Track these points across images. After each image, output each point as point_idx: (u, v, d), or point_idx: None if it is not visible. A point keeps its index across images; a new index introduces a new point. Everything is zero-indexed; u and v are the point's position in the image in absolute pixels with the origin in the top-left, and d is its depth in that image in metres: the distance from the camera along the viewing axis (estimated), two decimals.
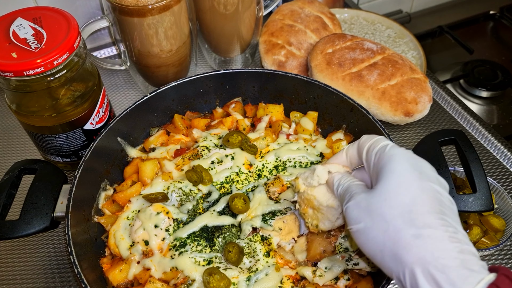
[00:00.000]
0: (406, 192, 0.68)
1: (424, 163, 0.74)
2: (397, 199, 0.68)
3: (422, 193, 0.68)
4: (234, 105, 1.27)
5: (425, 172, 0.71)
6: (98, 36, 1.66)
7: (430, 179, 0.70)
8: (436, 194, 0.68)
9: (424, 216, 0.65)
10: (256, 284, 0.91)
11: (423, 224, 0.64)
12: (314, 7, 1.55)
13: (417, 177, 0.69)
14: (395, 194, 0.69)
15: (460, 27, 2.09)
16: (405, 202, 0.67)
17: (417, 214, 0.65)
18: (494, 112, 1.73)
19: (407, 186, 0.69)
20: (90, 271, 0.92)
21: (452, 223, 0.66)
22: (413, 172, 0.70)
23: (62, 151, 1.19)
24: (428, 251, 0.63)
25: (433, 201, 0.67)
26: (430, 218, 0.65)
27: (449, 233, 0.64)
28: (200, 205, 1.05)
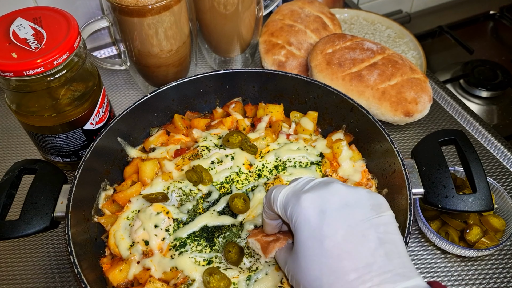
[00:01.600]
0: (313, 265, 0.69)
1: (327, 202, 0.72)
2: (309, 274, 0.70)
3: (327, 259, 0.68)
4: (234, 105, 1.27)
5: (326, 224, 0.69)
6: (98, 36, 1.66)
7: (332, 231, 0.69)
8: (341, 246, 0.67)
9: (334, 286, 0.66)
10: (256, 283, 0.91)
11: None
12: (314, 7, 1.55)
13: (318, 240, 0.69)
14: (306, 269, 0.70)
15: (460, 27, 2.09)
16: (316, 276, 0.68)
17: (328, 285, 0.67)
18: (494, 112, 1.73)
19: (312, 258, 0.69)
20: (90, 271, 0.92)
21: (365, 265, 0.66)
22: (314, 236, 0.70)
23: (62, 151, 1.19)
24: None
25: (339, 259, 0.67)
26: (338, 286, 0.66)
27: (365, 283, 0.64)
28: (200, 205, 1.05)
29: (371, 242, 0.68)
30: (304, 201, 0.73)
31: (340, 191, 0.73)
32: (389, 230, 0.70)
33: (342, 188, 0.74)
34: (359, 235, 0.68)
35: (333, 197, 0.72)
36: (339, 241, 0.68)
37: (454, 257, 1.10)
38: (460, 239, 1.09)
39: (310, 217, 0.71)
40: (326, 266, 0.67)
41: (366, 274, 0.65)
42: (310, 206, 0.72)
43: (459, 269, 1.08)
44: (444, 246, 1.07)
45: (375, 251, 0.67)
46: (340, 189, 0.73)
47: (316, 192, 0.73)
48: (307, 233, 0.71)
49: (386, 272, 0.66)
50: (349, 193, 0.73)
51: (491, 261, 1.09)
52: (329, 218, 0.70)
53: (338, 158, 1.13)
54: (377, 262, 0.66)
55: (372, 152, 1.12)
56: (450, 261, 1.10)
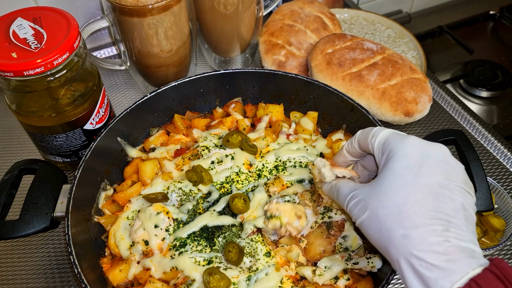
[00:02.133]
0: (399, 192, 0.70)
1: (432, 151, 0.73)
2: (389, 199, 0.71)
3: (415, 191, 0.69)
4: (234, 105, 1.27)
5: (426, 165, 0.71)
6: (98, 36, 1.66)
7: (430, 172, 0.71)
8: (432, 188, 0.69)
9: (413, 216, 0.68)
10: (256, 284, 0.91)
11: (411, 224, 0.67)
12: (314, 7, 1.55)
13: (414, 174, 0.70)
14: (388, 194, 0.71)
15: (460, 27, 2.09)
16: (397, 203, 0.70)
17: (407, 214, 0.68)
18: (494, 112, 1.73)
19: (400, 186, 0.71)
20: (90, 271, 0.92)
21: (445, 217, 0.67)
22: (411, 169, 0.71)
23: (62, 151, 1.19)
24: (415, 250, 0.66)
25: (427, 197, 0.69)
26: (419, 217, 0.67)
27: (438, 231, 0.66)
28: (200, 205, 1.05)
29: (457, 202, 0.69)
30: (412, 140, 0.74)
31: (445, 150, 0.75)
32: (471, 206, 0.72)
33: (446, 150, 0.76)
34: (450, 191, 0.70)
35: (439, 151, 0.74)
36: (432, 184, 0.69)
37: None
38: None
39: (413, 153, 0.72)
40: (413, 197, 0.69)
41: (446, 221, 0.67)
42: (415, 146, 0.73)
43: None
44: None
45: (458, 211, 0.69)
46: (445, 150, 0.75)
47: (424, 141, 0.75)
48: (404, 165, 0.72)
49: (462, 230, 0.67)
50: (451, 158, 0.74)
51: None
52: (430, 162, 0.71)
53: None
54: (457, 219, 0.68)
55: None
56: None
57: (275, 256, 0.97)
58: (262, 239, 0.99)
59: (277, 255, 0.97)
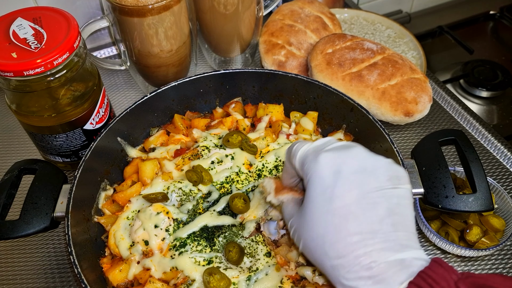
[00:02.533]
0: (319, 222, 0.69)
1: (344, 164, 0.70)
2: (313, 230, 0.70)
3: (333, 217, 0.68)
4: (234, 105, 1.27)
5: (339, 184, 0.69)
6: (98, 36, 1.66)
7: (344, 192, 0.68)
8: (350, 208, 0.67)
9: (336, 245, 0.67)
10: (256, 284, 0.91)
11: (336, 254, 0.67)
12: (314, 7, 1.55)
13: (328, 199, 0.69)
14: (311, 225, 0.71)
15: (460, 27, 2.09)
16: (319, 234, 0.69)
17: (330, 244, 0.68)
18: (494, 112, 1.73)
19: (319, 215, 0.69)
20: (90, 271, 0.92)
21: (369, 235, 0.66)
22: (325, 193, 0.69)
23: (62, 151, 1.19)
24: (344, 279, 0.67)
25: (346, 220, 0.67)
26: (342, 245, 0.67)
27: (362, 254, 0.65)
28: (200, 205, 1.05)
29: (380, 210, 0.67)
30: (322, 158, 0.72)
31: (360, 155, 0.72)
32: (402, 203, 0.70)
33: (362, 153, 0.73)
34: (370, 201, 0.68)
35: (352, 160, 0.71)
36: (348, 203, 0.68)
37: (454, 257, 1.10)
38: (460, 239, 1.09)
39: (325, 175, 0.70)
40: (331, 225, 0.67)
41: (369, 239, 0.66)
42: (327, 164, 0.71)
43: (459, 269, 1.08)
44: (444, 246, 1.07)
45: (383, 220, 0.67)
46: (360, 154, 0.73)
47: (336, 153, 0.72)
48: (319, 190, 0.70)
49: (389, 241, 0.66)
50: (368, 159, 0.72)
51: (491, 261, 1.09)
52: (343, 179, 0.69)
53: None
54: (382, 230, 0.66)
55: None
56: (450, 261, 1.10)
57: (275, 256, 0.97)
58: (263, 239, 0.99)
59: (277, 255, 0.97)
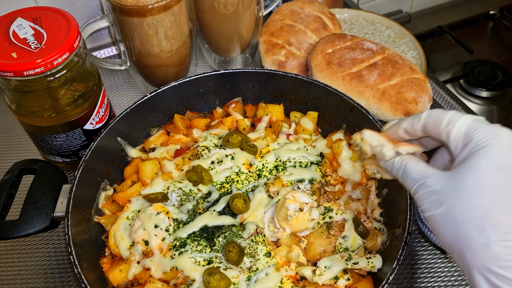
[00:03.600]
0: (484, 195, 0.62)
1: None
2: (472, 201, 0.62)
3: (505, 196, 0.61)
4: (234, 105, 1.27)
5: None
6: (98, 36, 1.66)
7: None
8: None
9: (499, 226, 0.60)
10: (256, 284, 0.91)
11: (496, 235, 0.60)
12: (314, 7, 1.55)
13: (504, 176, 0.62)
14: (471, 195, 0.63)
15: (460, 27, 2.09)
16: (481, 207, 0.62)
17: (492, 223, 0.60)
18: (494, 112, 1.73)
19: (487, 188, 0.62)
20: (90, 271, 0.92)
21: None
22: (501, 169, 0.62)
23: (62, 151, 1.19)
24: (496, 265, 0.60)
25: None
26: (507, 228, 0.60)
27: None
28: (200, 205, 1.05)
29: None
30: (505, 134, 0.65)
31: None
32: None
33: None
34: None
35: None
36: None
37: None
38: None
39: (504, 151, 0.63)
40: (500, 204, 0.61)
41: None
42: (509, 142, 0.64)
43: (459, 269, 1.08)
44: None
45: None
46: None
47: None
48: (494, 163, 0.63)
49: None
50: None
51: None
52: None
53: (338, 158, 1.13)
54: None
55: None
56: (450, 261, 1.09)
57: (275, 256, 0.97)
58: (263, 239, 0.99)
59: (277, 255, 0.97)
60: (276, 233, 0.99)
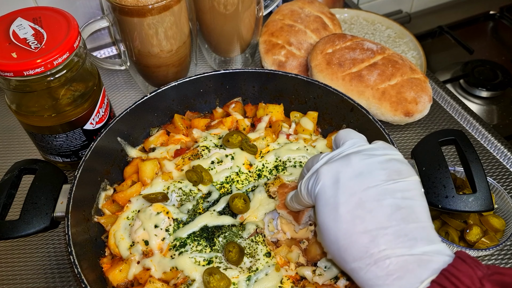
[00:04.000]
0: (330, 231, 0.71)
1: (341, 172, 0.73)
2: (327, 239, 0.72)
3: (341, 224, 0.69)
4: (234, 105, 1.27)
5: (340, 192, 0.71)
6: (98, 36, 1.66)
7: (346, 198, 0.70)
8: (354, 212, 0.69)
9: (349, 250, 0.68)
10: (256, 284, 0.91)
11: (351, 258, 0.68)
12: (314, 7, 1.55)
13: (333, 207, 0.71)
14: (326, 235, 0.72)
15: (460, 27, 2.09)
16: (332, 241, 0.71)
17: (344, 249, 0.69)
18: (494, 112, 1.73)
19: (328, 225, 0.71)
20: (90, 271, 0.92)
21: (379, 232, 0.66)
22: (328, 203, 0.72)
23: (62, 151, 1.19)
24: (367, 283, 0.67)
25: (352, 223, 0.68)
26: (355, 249, 0.68)
27: (376, 254, 0.65)
28: (200, 205, 1.05)
29: (385, 207, 0.68)
30: (321, 174, 0.75)
31: (354, 161, 0.74)
32: (407, 195, 0.70)
33: (356, 159, 0.74)
34: (373, 200, 0.69)
35: (347, 167, 0.73)
36: (352, 207, 0.69)
37: None
38: (460, 239, 1.09)
39: (326, 187, 0.73)
40: (340, 231, 0.69)
41: (380, 238, 0.66)
42: (326, 176, 0.74)
43: None
44: None
45: (390, 216, 0.67)
46: (355, 160, 0.74)
47: (331, 164, 0.75)
48: (323, 202, 0.73)
49: (401, 236, 0.66)
50: (362, 163, 0.73)
51: (491, 261, 1.09)
52: (343, 187, 0.71)
53: None
54: (392, 226, 0.66)
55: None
56: None
57: (275, 257, 0.97)
58: (263, 239, 0.99)
59: (277, 255, 0.97)
60: (276, 234, 0.99)
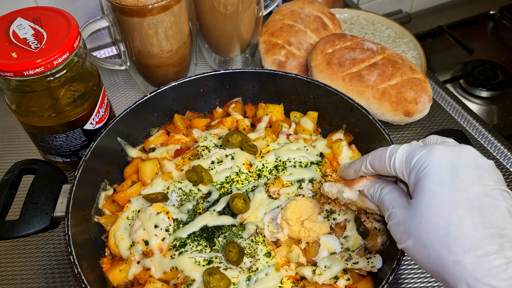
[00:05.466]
0: (439, 213, 0.65)
1: (460, 159, 0.68)
2: (431, 222, 0.66)
3: (456, 209, 0.64)
4: (234, 105, 1.27)
5: (460, 177, 0.66)
6: (98, 36, 1.66)
7: (465, 185, 0.66)
8: (473, 202, 0.65)
9: (461, 239, 0.63)
10: (256, 284, 0.91)
11: (462, 248, 0.62)
12: (314, 7, 1.55)
13: (450, 189, 0.66)
14: (428, 217, 0.66)
15: (460, 27, 2.09)
16: (440, 225, 0.65)
17: (454, 238, 0.63)
18: (494, 112, 1.73)
19: (439, 206, 0.66)
20: (90, 271, 0.92)
21: (496, 232, 0.62)
22: (445, 184, 0.66)
23: (62, 151, 1.19)
24: (472, 277, 0.61)
25: (470, 214, 0.64)
26: (468, 239, 0.63)
27: (493, 252, 0.61)
28: (200, 205, 1.05)
29: (501, 209, 0.65)
30: (438, 151, 0.70)
31: (474, 152, 0.71)
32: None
33: (475, 151, 0.71)
34: (491, 198, 0.65)
35: (467, 156, 0.69)
36: (471, 197, 0.65)
37: None
38: None
39: (442, 167, 0.68)
40: (455, 217, 0.64)
41: (497, 237, 0.62)
42: (443, 157, 0.69)
43: None
44: None
45: (505, 219, 0.64)
46: (473, 151, 0.71)
47: (450, 147, 0.71)
48: (437, 180, 0.67)
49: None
50: (481, 157, 0.70)
51: None
52: (463, 173, 0.67)
53: (338, 158, 1.13)
54: (507, 230, 0.63)
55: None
56: None
57: (275, 256, 0.97)
58: (263, 239, 0.99)
59: (277, 255, 0.97)
60: (276, 233, 0.99)
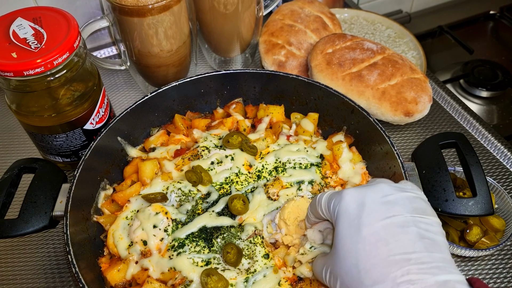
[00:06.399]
0: (350, 253, 0.70)
1: (367, 197, 0.73)
2: (346, 263, 0.70)
3: (363, 245, 0.68)
4: (234, 105, 1.27)
5: (365, 215, 0.70)
6: (98, 36, 1.66)
7: (370, 221, 0.69)
8: (379, 234, 0.68)
9: (370, 272, 0.67)
10: (254, 285, 0.91)
11: (371, 281, 0.66)
12: (314, 7, 1.55)
13: (356, 229, 0.70)
14: (343, 258, 0.71)
15: (460, 27, 2.09)
16: (353, 264, 0.69)
17: (365, 272, 0.67)
18: (494, 112, 1.73)
19: (349, 246, 0.70)
20: (88, 270, 0.92)
21: (403, 257, 0.65)
22: (352, 225, 0.71)
23: (62, 151, 1.19)
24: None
25: (376, 246, 0.67)
26: (376, 271, 0.66)
27: (398, 278, 0.64)
28: (199, 205, 1.05)
29: (410, 234, 0.67)
30: (346, 194, 0.75)
31: (381, 189, 0.74)
32: (431, 229, 0.70)
33: (386, 187, 0.74)
34: (398, 226, 0.68)
35: (375, 193, 0.73)
36: (377, 230, 0.68)
37: (454, 257, 1.10)
38: (460, 239, 1.09)
39: (350, 208, 0.72)
40: (363, 252, 0.68)
41: (404, 261, 0.65)
42: (351, 199, 0.73)
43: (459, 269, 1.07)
44: None
45: (415, 243, 0.67)
46: (382, 188, 0.74)
47: (358, 189, 0.75)
48: (346, 223, 0.72)
49: (425, 263, 0.65)
50: (391, 193, 0.73)
51: (491, 261, 1.09)
52: (368, 209, 0.71)
53: (338, 160, 1.13)
54: (416, 252, 0.66)
55: (373, 154, 1.12)
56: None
57: (274, 258, 0.97)
58: (262, 240, 0.99)
59: (276, 257, 0.97)
60: (274, 234, 0.99)
